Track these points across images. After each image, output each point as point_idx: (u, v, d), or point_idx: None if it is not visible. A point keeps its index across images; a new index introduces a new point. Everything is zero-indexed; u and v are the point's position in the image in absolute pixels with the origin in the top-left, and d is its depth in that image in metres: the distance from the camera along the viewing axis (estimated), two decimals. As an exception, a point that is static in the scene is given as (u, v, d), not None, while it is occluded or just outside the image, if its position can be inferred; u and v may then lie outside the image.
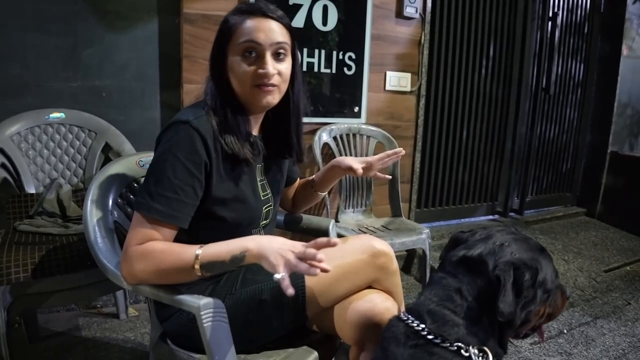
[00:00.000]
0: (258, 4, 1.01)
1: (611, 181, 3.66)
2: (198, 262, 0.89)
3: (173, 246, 0.93)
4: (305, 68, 2.27)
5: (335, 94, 2.41)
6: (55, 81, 1.86)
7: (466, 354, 0.80)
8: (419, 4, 2.51)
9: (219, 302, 0.93)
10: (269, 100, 1.02)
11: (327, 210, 2.31)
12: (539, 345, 1.92)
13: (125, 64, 1.97)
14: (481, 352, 0.81)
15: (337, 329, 1.04)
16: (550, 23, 3.25)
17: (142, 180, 1.07)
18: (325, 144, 2.34)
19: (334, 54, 2.35)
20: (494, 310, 0.79)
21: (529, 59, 3.19)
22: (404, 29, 2.54)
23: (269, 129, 1.15)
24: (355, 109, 2.47)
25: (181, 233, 0.98)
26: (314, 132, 2.30)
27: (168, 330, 1.08)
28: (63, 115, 1.80)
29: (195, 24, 1.98)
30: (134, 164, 1.24)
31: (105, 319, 1.93)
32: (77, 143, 1.83)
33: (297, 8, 2.19)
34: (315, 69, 2.31)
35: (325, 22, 2.28)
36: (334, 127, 2.37)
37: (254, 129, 1.10)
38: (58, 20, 1.83)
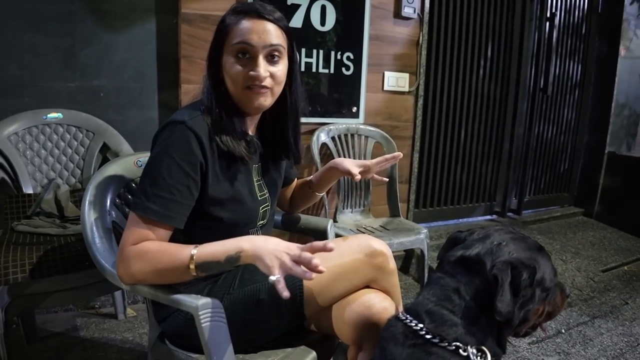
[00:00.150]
0: (254, 4, 1.00)
1: (609, 181, 3.67)
2: (193, 262, 0.89)
3: (169, 246, 0.93)
4: (303, 68, 2.27)
5: (334, 94, 2.41)
6: (52, 81, 1.86)
7: (464, 354, 0.80)
8: (417, 4, 2.52)
9: (217, 302, 0.93)
10: (260, 102, 1.01)
11: (326, 210, 2.31)
12: (537, 344, 1.92)
13: (123, 64, 1.97)
14: (479, 352, 0.81)
15: (335, 328, 1.04)
16: (548, 23, 3.25)
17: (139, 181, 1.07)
18: (324, 144, 2.34)
19: (332, 54, 2.35)
20: (492, 309, 0.79)
21: (526, 60, 3.19)
22: (402, 29, 2.54)
23: (265, 129, 1.15)
24: (354, 109, 2.47)
25: (178, 233, 0.98)
26: (312, 132, 2.30)
27: (166, 330, 1.08)
28: (61, 115, 1.80)
29: (193, 24, 1.97)
30: (131, 164, 1.23)
31: (104, 320, 1.93)
32: (75, 143, 1.82)
33: (295, 8, 2.19)
34: (314, 69, 2.31)
35: (323, 22, 2.28)
36: (332, 127, 2.37)
37: (249, 129, 1.10)
38: (55, 20, 1.83)
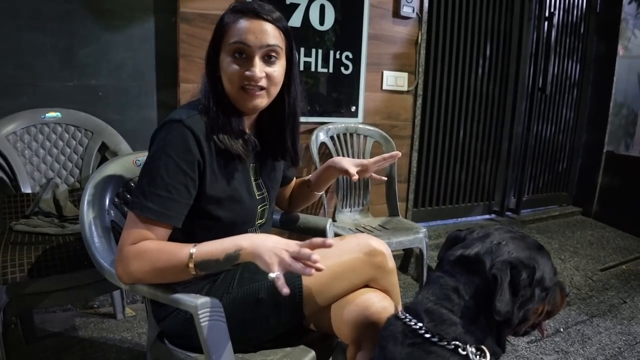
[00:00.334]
0: (253, 4, 0.99)
1: (607, 181, 3.68)
2: (192, 261, 0.89)
3: (167, 245, 0.93)
4: (302, 67, 2.27)
5: (333, 94, 2.41)
6: (51, 80, 1.85)
7: (463, 353, 0.80)
8: (415, 3, 2.52)
9: (216, 301, 0.93)
10: (255, 103, 1.01)
11: (325, 210, 2.31)
12: (535, 343, 1.92)
13: (122, 64, 1.97)
14: (479, 351, 0.81)
15: (335, 328, 1.04)
16: (546, 23, 3.26)
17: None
18: (323, 143, 2.34)
19: (331, 53, 2.34)
20: (491, 309, 0.79)
21: (525, 59, 3.20)
22: (400, 28, 2.54)
23: (263, 129, 1.14)
24: (353, 108, 2.47)
25: (177, 232, 0.98)
26: (311, 132, 2.30)
27: (165, 329, 1.07)
28: (59, 114, 1.80)
29: (192, 23, 1.97)
30: (130, 163, 1.23)
31: (102, 319, 1.92)
32: (74, 142, 1.82)
33: (294, 7, 2.19)
34: (313, 69, 2.31)
35: (322, 22, 2.28)
36: (331, 127, 2.37)
37: (247, 128, 1.09)
38: (54, 20, 1.82)
